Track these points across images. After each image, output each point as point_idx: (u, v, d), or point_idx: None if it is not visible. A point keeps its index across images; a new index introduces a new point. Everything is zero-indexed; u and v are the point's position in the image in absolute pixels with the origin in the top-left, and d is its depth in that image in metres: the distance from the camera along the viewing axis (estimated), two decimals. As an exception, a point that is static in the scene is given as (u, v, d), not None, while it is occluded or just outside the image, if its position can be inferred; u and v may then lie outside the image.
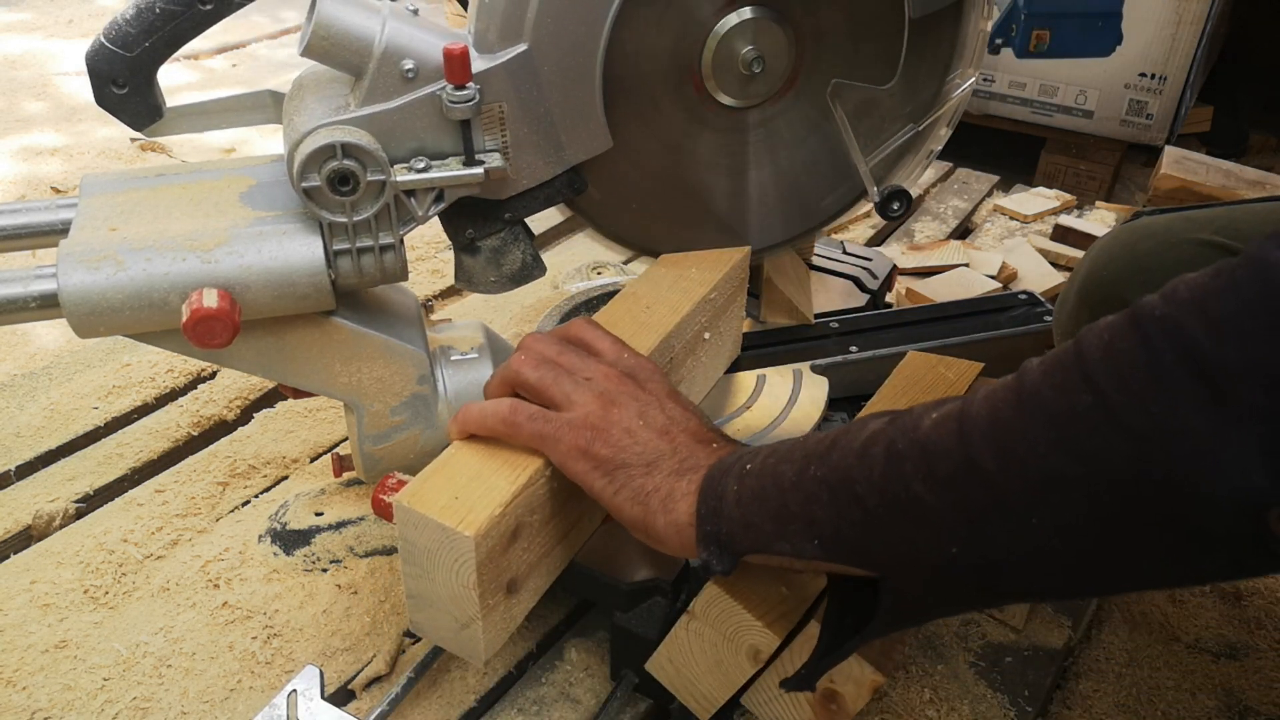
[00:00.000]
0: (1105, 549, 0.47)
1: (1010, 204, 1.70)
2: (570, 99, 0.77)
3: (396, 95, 0.72)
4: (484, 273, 0.82)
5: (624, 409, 0.65)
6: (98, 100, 0.76)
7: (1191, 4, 2.11)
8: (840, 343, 1.07)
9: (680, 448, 0.64)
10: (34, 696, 0.80)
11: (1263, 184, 1.65)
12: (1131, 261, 0.83)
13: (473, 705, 0.80)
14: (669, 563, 0.76)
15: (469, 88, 0.71)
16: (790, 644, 0.68)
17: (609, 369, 0.68)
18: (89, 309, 0.70)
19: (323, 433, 1.11)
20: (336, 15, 0.69)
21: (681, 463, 0.63)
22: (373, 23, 0.70)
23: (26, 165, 1.83)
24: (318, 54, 0.71)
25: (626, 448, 0.63)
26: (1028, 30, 1.16)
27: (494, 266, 0.82)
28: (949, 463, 0.50)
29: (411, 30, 0.71)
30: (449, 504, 0.61)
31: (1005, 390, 0.50)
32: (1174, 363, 0.43)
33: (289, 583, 0.91)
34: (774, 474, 0.57)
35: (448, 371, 0.85)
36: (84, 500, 1.00)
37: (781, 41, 0.84)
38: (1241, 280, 0.42)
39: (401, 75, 0.71)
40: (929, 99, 0.92)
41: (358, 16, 0.70)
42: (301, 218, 0.74)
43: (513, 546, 0.64)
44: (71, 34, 2.58)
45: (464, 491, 0.63)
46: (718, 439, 0.66)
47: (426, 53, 0.71)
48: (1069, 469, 0.46)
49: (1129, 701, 0.85)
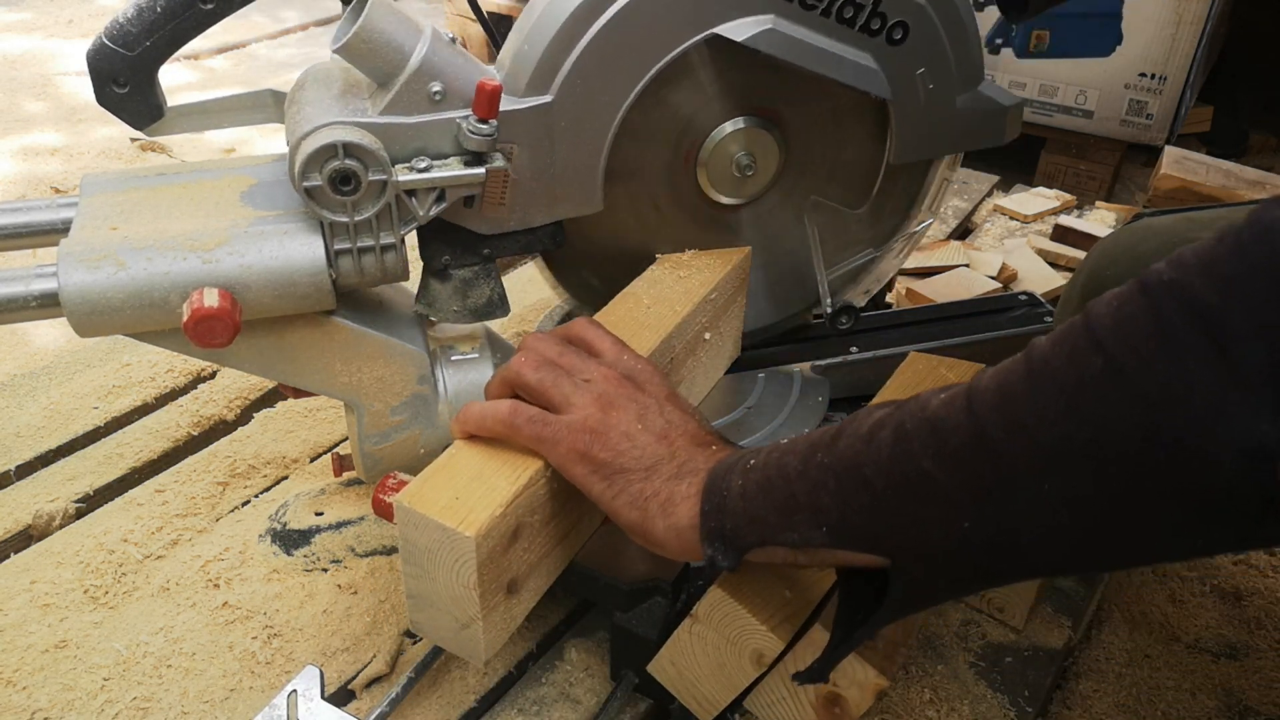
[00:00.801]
0: (1114, 519, 0.47)
1: (1010, 204, 1.70)
2: (575, 157, 0.81)
3: (418, 112, 0.73)
4: (449, 301, 0.84)
5: (623, 412, 0.65)
6: (99, 99, 0.76)
7: (1191, 4, 2.11)
8: (840, 343, 1.07)
9: (679, 451, 0.64)
10: (34, 696, 0.80)
11: (1263, 184, 1.65)
12: (1134, 262, 0.83)
13: (473, 705, 0.80)
14: (669, 563, 0.76)
15: (490, 123, 0.73)
16: (794, 647, 0.68)
17: (609, 371, 0.68)
18: (89, 308, 0.70)
19: (323, 433, 1.11)
20: (383, 24, 0.71)
21: (680, 467, 0.63)
22: (413, 40, 0.72)
23: (27, 165, 1.83)
24: (353, 54, 0.72)
25: (625, 452, 0.63)
26: (1028, 30, 1.17)
27: (459, 297, 0.84)
28: (958, 437, 0.50)
29: (448, 56, 0.73)
30: (450, 504, 0.61)
31: (1013, 364, 0.50)
32: (1182, 324, 0.43)
33: (289, 583, 0.91)
34: (779, 466, 0.57)
35: (448, 371, 0.85)
36: (84, 500, 1.00)
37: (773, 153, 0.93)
38: (1247, 242, 0.43)
39: (428, 95, 0.73)
40: (889, 230, 1.02)
41: (402, 31, 0.72)
42: (302, 217, 0.74)
43: (513, 547, 0.64)
44: (71, 34, 2.58)
45: (465, 492, 0.63)
46: (716, 441, 0.66)
47: (455, 80, 0.73)
48: (1078, 435, 0.46)
49: (1129, 701, 0.85)
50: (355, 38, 0.70)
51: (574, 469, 0.64)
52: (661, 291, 0.87)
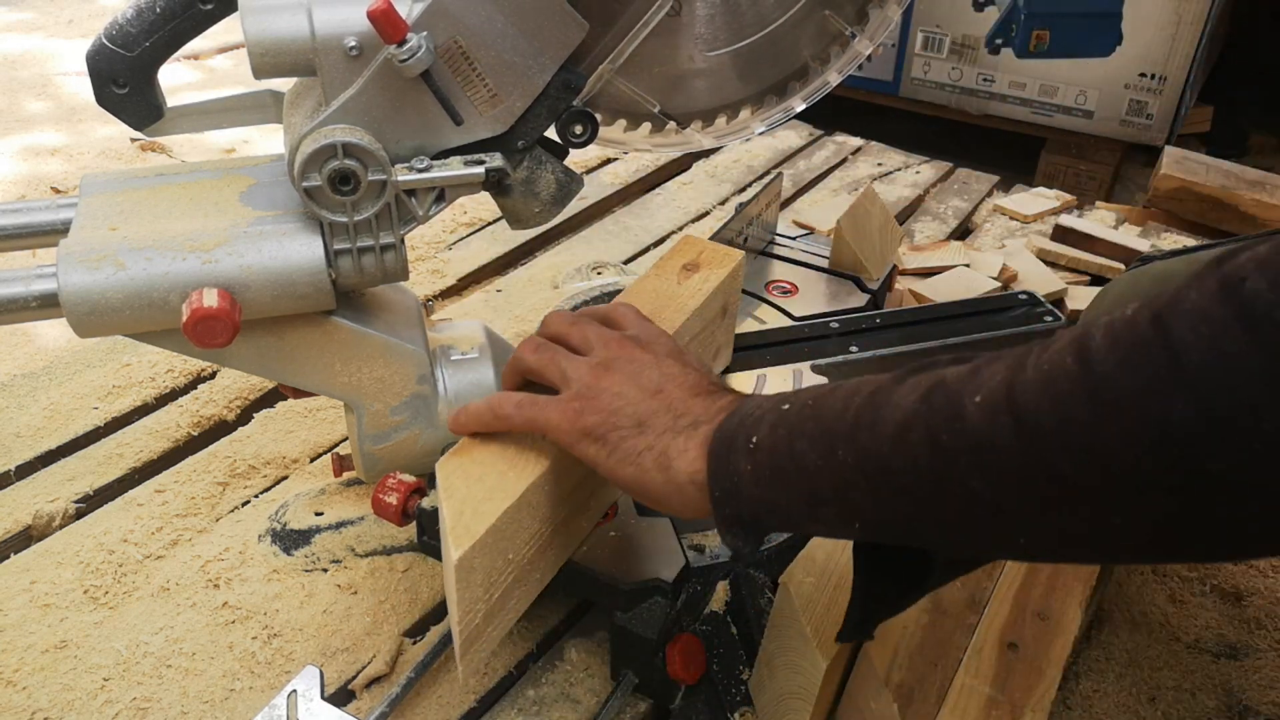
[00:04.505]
0: (1191, 537, 0.43)
1: (1010, 204, 1.70)
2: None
3: (353, 78, 0.69)
4: (525, 206, 0.80)
5: (617, 373, 0.64)
6: (98, 100, 0.76)
7: (1191, 4, 2.11)
8: (840, 343, 1.07)
9: (674, 404, 0.62)
10: (34, 696, 0.80)
11: (1263, 184, 1.65)
12: None
13: (473, 705, 0.80)
14: (669, 563, 0.76)
15: (410, 39, 0.68)
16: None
17: (613, 335, 0.67)
18: (89, 308, 0.70)
19: (323, 433, 1.11)
20: (263, 26, 0.68)
21: (676, 419, 0.61)
22: (299, 17, 0.68)
23: (27, 165, 1.83)
24: (268, 71, 0.69)
25: (617, 410, 0.62)
26: (1028, 30, 1.16)
27: (532, 197, 0.80)
28: (1012, 461, 0.45)
29: (337, 7, 0.68)
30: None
31: (1068, 380, 0.43)
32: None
33: (289, 583, 0.91)
34: (791, 454, 0.54)
35: (448, 371, 0.85)
36: (84, 500, 1.00)
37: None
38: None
39: (347, 56, 0.68)
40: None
41: (283, 18, 0.68)
42: (301, 217, 0.74)
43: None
44: (72, 34, 2.58)
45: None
46: (716, 390, 0.64)
47: (360, 24, 0.68)
48: (1168, 479, 0.40)
49: (1129, 701, 0.85)
50: (252, 55, 0.68)
51: (569, 440, 0.62)
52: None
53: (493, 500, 0.62)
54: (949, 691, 0.65)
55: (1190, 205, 1.65)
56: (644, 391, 0.63)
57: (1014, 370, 0.45)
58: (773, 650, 0.71)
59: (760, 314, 1.19)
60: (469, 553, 0.60)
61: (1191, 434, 0.38)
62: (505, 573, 0.65)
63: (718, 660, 0.82)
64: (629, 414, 0.61)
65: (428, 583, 0.90)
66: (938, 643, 0.68)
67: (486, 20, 0.71)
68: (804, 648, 0.66)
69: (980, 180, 1.81)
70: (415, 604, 0.89)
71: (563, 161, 0.81)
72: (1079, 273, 1.49)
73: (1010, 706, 0.64)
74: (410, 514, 0.78)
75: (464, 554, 0.59)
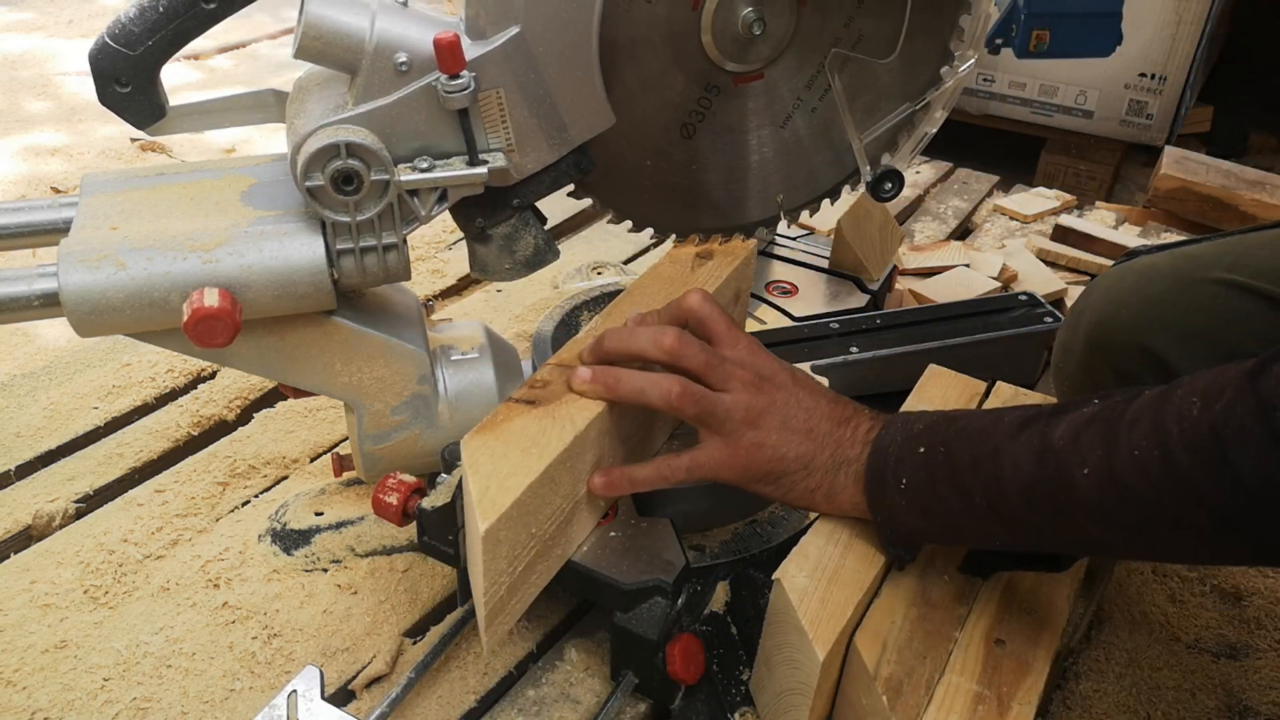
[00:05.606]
0: (1248, 561, 0.62)
1: (1010, 204, 1.70)
2: (568, 77, 0.76)
3: (392, 90, 0.71)
4: (498, 260, 0.82)
5: (770, 424, 0.72)
6: (101, 99, 0.76)
7: (1191, 4, 2.11)
8: (840, 343, 1.07)
9: (826, 440, 0.72)
10: (34, 696, 0.80)
11: (1263, 184, 1.65)
12: (1145, 306, 0.80)
13: (473, 705, 0.80)
14: (669, 563, 0.75)
15: (463, 76, 0.70)
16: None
17: (750, 379, 0.73)
18: (90, 308, 0.70)
19: (323, 433, 1.11)
20: (325, 15, 0.69)
21: (832, 456, 0.72)
22: (362, 19, 0.70)
23: (27, 165, 1.83)
24: (311, 55, 0.70)
25: (783, 458, 0.72)
26: (1028, 30, 1.16)
27: (507, 254, 0.82)
28: (1118, 521, 0.58)
29: (402, 22, 0.71)
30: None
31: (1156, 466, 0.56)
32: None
33: (289, 583, 0.91)
34: (934, 495, 0.67)
35: (448, 371, 0.85)
36: (84, 500, 1.00)
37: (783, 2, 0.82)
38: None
39: (395, 69, 0.70)
40: (927, 79, 0.90)
41: (347, 14, 0.69)
42: (302, 217, 0.74)
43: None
44: (72, 34, 2.58)
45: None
46: (851, 414, 0.74)
47: (418, 44, 0.70)
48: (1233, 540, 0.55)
49: (1129, 701, 0.85)
50: (304, 37, 0.69)
51: (742, 483, 0.73)
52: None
53: (517, 475, 0.64)
54: (937, 686, 0.66)
55: (1190, 205, 1.65)
56: (798, 434, 0.72)
57: (1109, 444, 0.58)
58: (770, 647, 0.72)
59: (760, 314, 1.19)
60: (495, 525, 0.60)
61: (1246, 518, 0.53)
62: (528, 547, 0.67)
63: (718, 660, 0.82)
64: (793, 459, 0.72)
65: (428, 583, 0.90)
66: (926, 635, 0.69)
67: (532, 84, 0.75)
68: (801, 643, 0.67)
69: (980, 180, 1.81)
70: (415, 604, 0.89)
71: (544, 228, 0.83)
72: (1079, 273, 1.49)
73: (998, 701, 0.65)
74: (410, 514, 0.78)
75: (490, 526, 0.60)
